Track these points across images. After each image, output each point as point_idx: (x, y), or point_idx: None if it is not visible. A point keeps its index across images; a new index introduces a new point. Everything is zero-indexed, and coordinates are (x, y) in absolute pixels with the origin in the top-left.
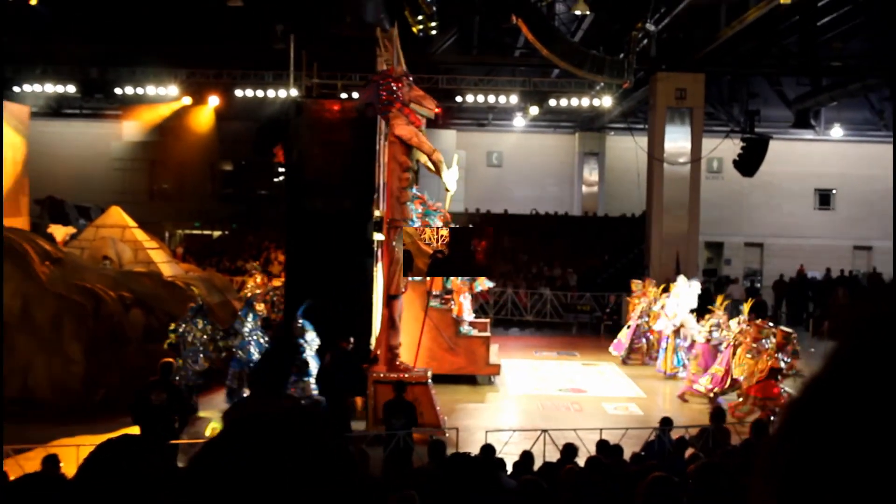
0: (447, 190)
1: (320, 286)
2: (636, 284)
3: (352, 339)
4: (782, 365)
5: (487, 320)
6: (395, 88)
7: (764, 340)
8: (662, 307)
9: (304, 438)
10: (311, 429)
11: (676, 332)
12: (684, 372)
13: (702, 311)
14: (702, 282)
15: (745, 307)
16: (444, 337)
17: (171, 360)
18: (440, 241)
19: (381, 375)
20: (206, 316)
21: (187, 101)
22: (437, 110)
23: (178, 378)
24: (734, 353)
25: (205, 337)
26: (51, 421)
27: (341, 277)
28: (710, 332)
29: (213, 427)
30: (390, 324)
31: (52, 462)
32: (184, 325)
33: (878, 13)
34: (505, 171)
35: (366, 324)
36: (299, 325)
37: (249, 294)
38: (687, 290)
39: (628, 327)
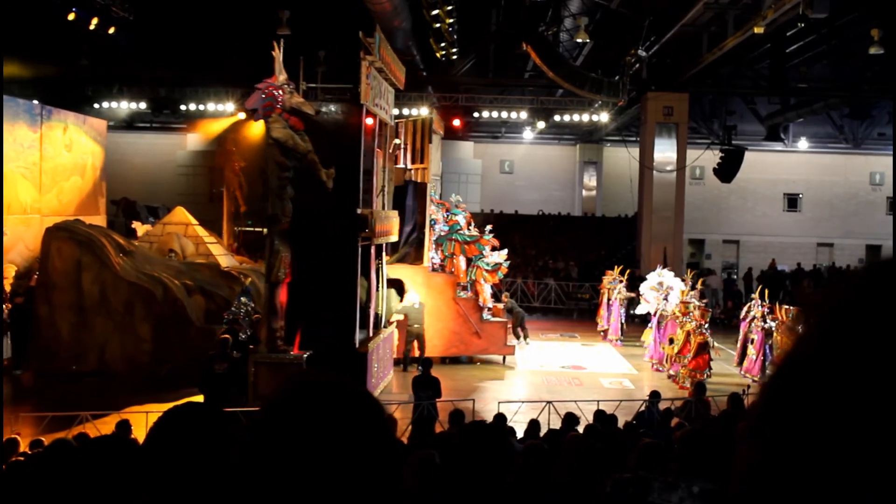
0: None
1: (311, 279)
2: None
3: (242, 325)
4: None
5: (502, 305)
6: (276, 95)
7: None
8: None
9: (349, 404)
10: (355, 396)
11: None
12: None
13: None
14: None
15: (756, 293)
16: (471, 322)
17: (227, 335)
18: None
19: (262, 357)
20: (250, 295)
21: (242, 116)
22: (313, 113)
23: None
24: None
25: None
26: (123, 391)
27: (326, 271)
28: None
29: None
30: (271, 309)
31: (124, 427)
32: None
33: (839, 42)
34: (516, 177)
35: (349, 310)
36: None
37: None
38: (656, 280)
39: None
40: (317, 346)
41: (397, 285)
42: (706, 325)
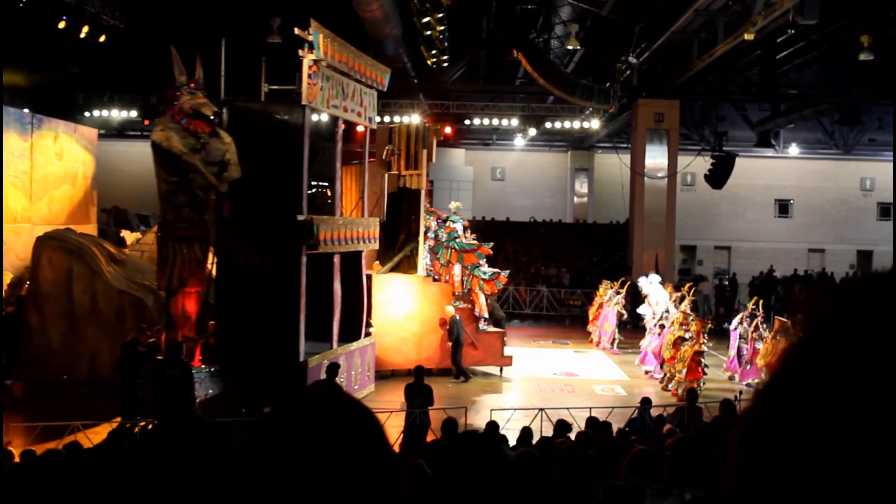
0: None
1: (250, 289)
2: (605, 285)
3: (149, 333)
4: None
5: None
6: (172, 98)
7: (782, 334)
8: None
9: (342, 415)
10: (347, 407)
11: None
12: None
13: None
14: (676, 280)
15: (751, 304)
16: (467, 333)
17: (180, 339)
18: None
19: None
20: None
21: None
22: (211, 115)
23: None
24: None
25: None
26: (115, 400)
27: (266, 281)
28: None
29: None
30: (167, 320)
31: (115, 437)
32: None
33: (828, 49)
34: (507, 184)
35: (292, 322)
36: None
37: None
38: (649, 286)
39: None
40: (253, 359)
41: None
42: (705, 336)
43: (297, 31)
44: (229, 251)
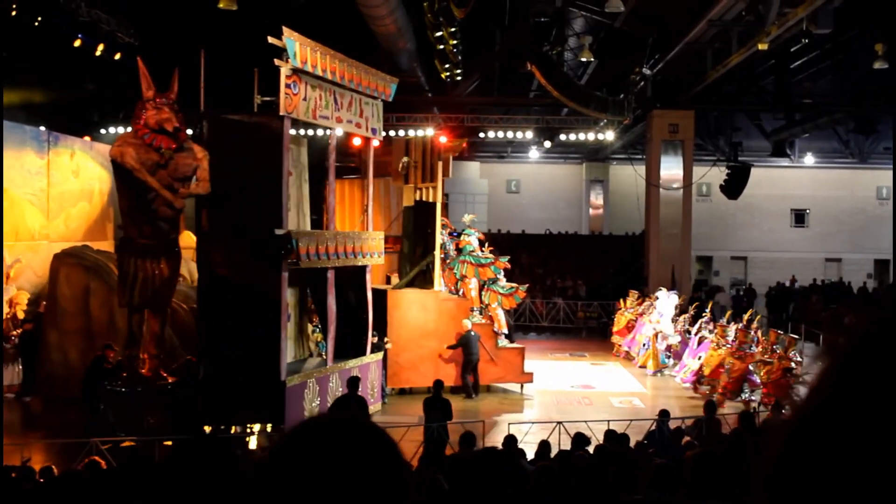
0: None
1: (228, 306)
2: (633, 294)
3: (117, 349)
4: (793, 365)
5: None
6: (140, 111)
7: (776, 346)
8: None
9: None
10: (361, 432)
11: (657, 335)
12: (671, 370)
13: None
14: (692, 292)
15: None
16: (486, 349)
17: (192, 357)
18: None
19: (118, 384)
20: None
21: None
22: (171, 130)
23: None
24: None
25: None
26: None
27: (245, 297)
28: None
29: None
30: (129, 336)
31: (133, 454)
32: None
33: (843, 57)
34: (522, 196)
35: (272, 339)
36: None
37: None
38: (667, 300)
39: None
40: (232, 377)
41: None
42: (748, 346)
43: (270, 39)
44: (209, 265)
